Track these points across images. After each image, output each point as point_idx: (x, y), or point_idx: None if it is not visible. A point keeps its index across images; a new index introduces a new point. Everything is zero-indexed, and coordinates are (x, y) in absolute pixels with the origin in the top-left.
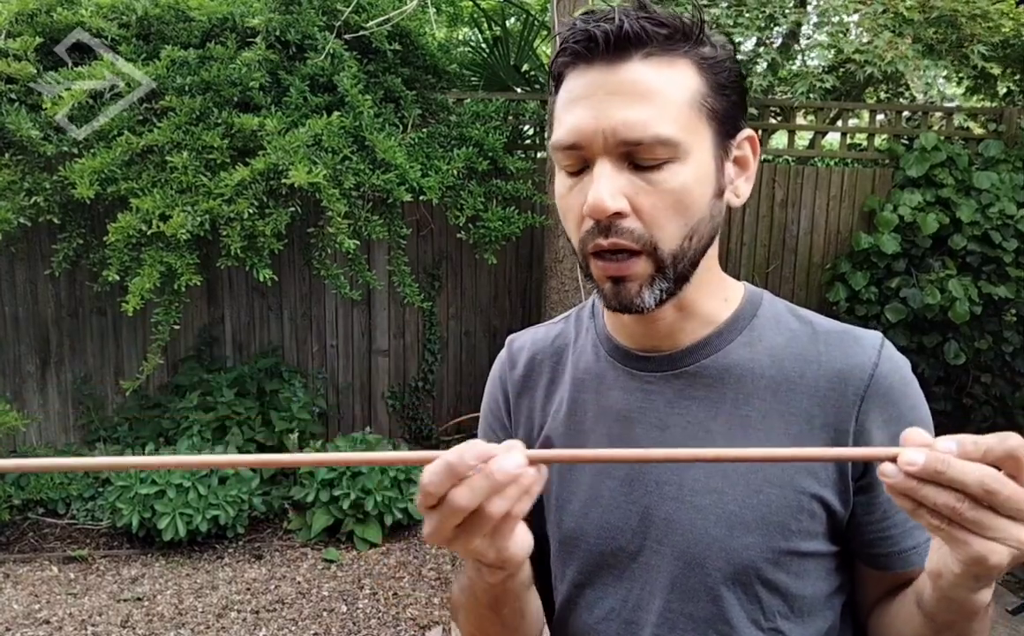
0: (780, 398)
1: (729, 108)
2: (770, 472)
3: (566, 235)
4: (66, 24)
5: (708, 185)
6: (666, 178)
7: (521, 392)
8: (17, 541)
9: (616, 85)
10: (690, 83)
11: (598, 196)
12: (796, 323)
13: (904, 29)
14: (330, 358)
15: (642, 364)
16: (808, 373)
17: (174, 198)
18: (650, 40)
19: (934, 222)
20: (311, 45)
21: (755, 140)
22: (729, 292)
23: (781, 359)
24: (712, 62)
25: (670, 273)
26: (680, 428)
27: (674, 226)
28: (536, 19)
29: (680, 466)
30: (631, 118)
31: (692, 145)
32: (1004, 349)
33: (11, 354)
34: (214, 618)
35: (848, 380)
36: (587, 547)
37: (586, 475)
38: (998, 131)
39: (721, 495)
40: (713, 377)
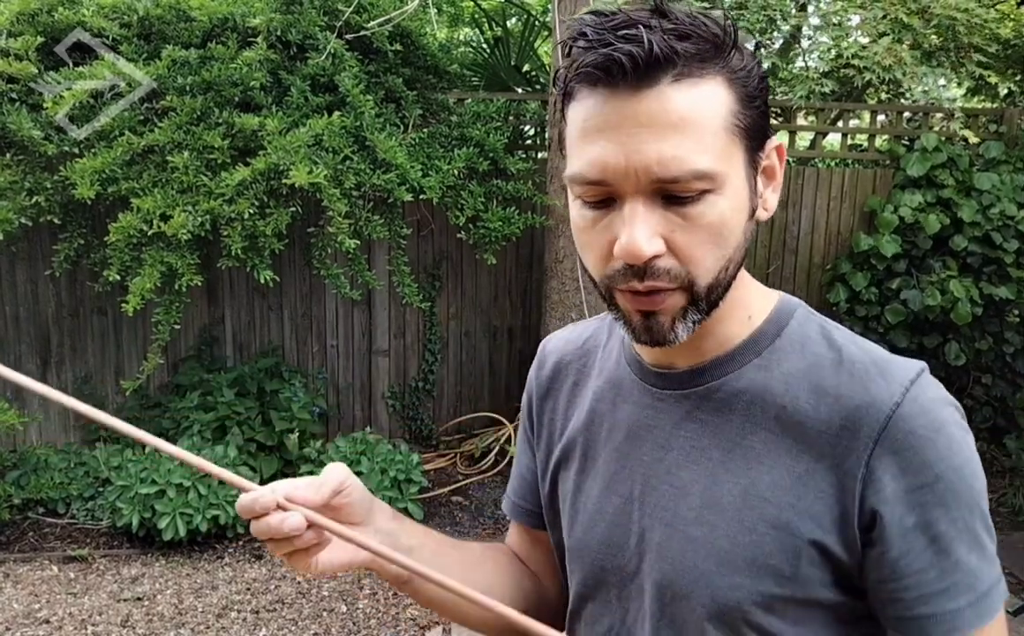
0: (789, 431)
1: (757, 119)
2: (768, 511)
3: (568, 236)
4: (67, 24)
5: (743, 209)
6: (703, 212)
7: (546, 395)
8: (17, 540)
9: (645, 115)
10: (722, 103)
11: (634, 242)
12: (823, 348)
13: (903, 34)
14: (330, 358)
15: (655, 379)
16: (823, 407)
17: (175, 198)
18: (680, 60)
19: (935, 223)
20: (312, 45)
21: (782, 148)
22: (755, 309)
23: (797, 388)
24: (742, 74)
25: (703, 304)
26: (682, 452)
27: (711, 259)
28: (537, 19)
29: (678, 490)
30: (666, 154)
31: (727, 172)
32: (1005, 350)
33: (12, 354)
34: (214, 618)
35: (863, 418)
36: (590, 561)
37: (595, 489)
38: (999, 132)
39: (713, 529)
40: (721, 401)
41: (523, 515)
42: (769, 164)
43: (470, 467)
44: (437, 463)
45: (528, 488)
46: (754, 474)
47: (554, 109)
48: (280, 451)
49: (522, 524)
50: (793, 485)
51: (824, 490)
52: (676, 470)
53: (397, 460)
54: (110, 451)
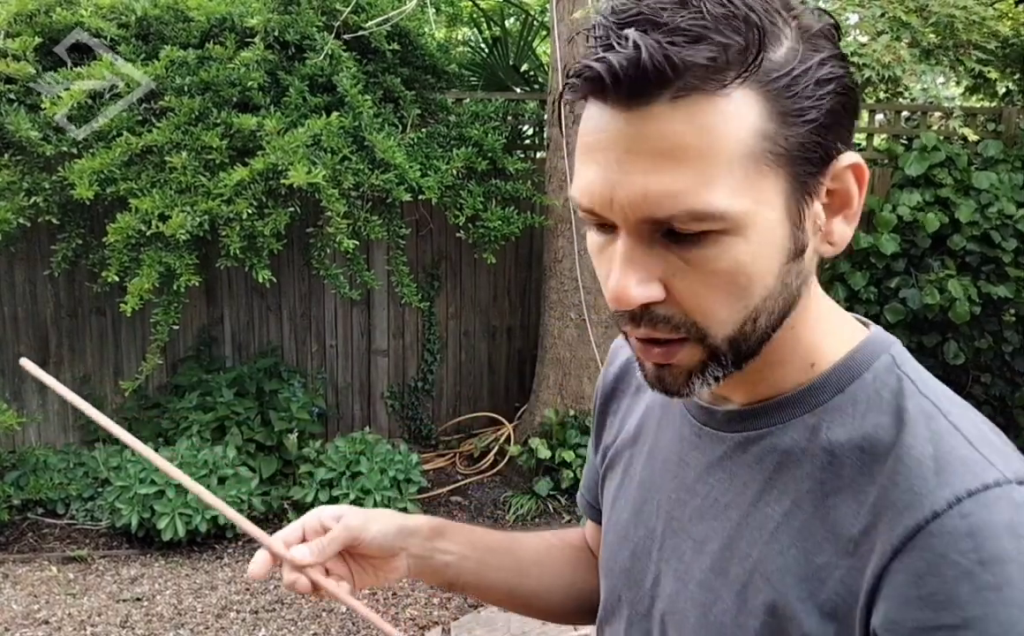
0: (820, 513)
1: (811, 136)
2: (772, 598)
3: (567, 236)
4: (65, 24)
5: (777, 252)
6: (713, 256)
7: (612, 394)
8: (16, 541)
9: (636, 140)
10: (748, 125)
11: (619, 286)
12: (887, 418)
13: (902, 33)
14: (329, 358)
15: (698, 411)
16: (863, 495)
17: (173, 198)
18: (680, 74)
19: (934, 222)
20: (310, 45)
21: (861, 168)
22: (821, 354)
23: (841, 464)
24: (783, 80)
25: (727, 359)
26: (705, 501)
27: (726, 311)
28: (536, 19)
29: (695, 543)
30: (653, 189)
31: (750, 210)
32: (1004, 349)
33: (10, 354)
34: (213, 618)
35: (893, 520)
36: (612, 584)
37: (626, 511)
38: (997, 131)
39: (717, 599)
40: (754, 455)
41: (591, 512)
42: (839, 188)
43: (469, 467)
44: (436, 463)
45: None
46: (767, 550)
47: (553, 109)
48: (279, 451)
49: (590, 518)
50: (809, 577)
51: (839, 594)
52: (697, 521)
53: (396, 460)
54: (109, 451)
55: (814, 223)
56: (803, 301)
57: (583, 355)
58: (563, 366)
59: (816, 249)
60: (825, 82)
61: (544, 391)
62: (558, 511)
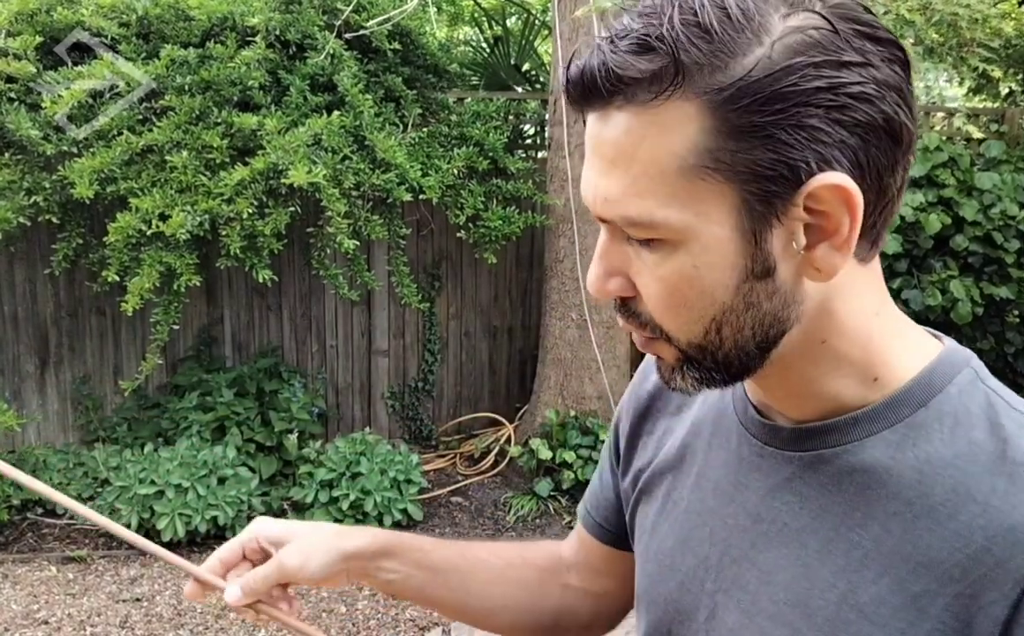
0: (912, 536)
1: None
2: (866, 631)
3: (567, 236)
4: (66, 23)
5: (727, 269)
6: (658, 261)
7: (647, 412)
8: (16, 541)
9: (597, 143)
10: (684, 137)
11: (591, 277)
12: (984, 433)
13: (905, 31)
14: (330, 358)
15: (758, 429)
16: (964, 514)
17: (174, 198)
18: (625, 85)
19: (936, 222)
20: (311, 44)
21: (845, 190)
22: (883, 370)
23: (933, 481)
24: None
25: (702, 362)
26: (773, 526)
27: (680, 319)
28: (537, 18)
29: (761, 573)
30: (601, 191)
31: (690, 224)
32: (1006, 350)
33: (10, 354)
34: (213, 619)
35: (1018, 544)
36: (656, 617)
37: (671, 538)
38: (1000, 132)
39: (795, 633)
40: (831, 476)
41: (592, 526)
42: (822, 210)
43: (470, 467)
44: (437, 464)
45: (604, 503)
46: (856, 579)
47: (554, 109)
48: (279, 451)
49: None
50: (905, 606)
51: (945, 622)
52: (763, 547)
53: (396, 460)
54: (109, 452)
55: (788, 246)
56: (825, 317)
57: (584, 356)
58: (564, 367)
59: (799, 273)
60: (792, 95)
61: (545, 392)
62: (559, 512)
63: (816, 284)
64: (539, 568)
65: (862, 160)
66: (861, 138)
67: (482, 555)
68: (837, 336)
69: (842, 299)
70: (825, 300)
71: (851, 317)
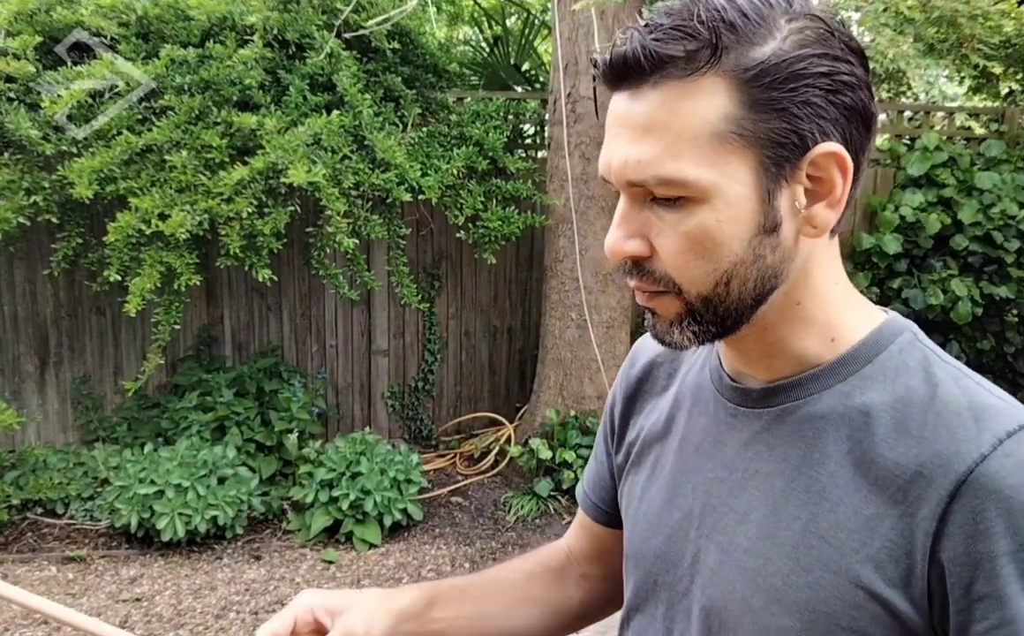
0: (861, 469)
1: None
2: (827, 553)
3: (567, 236)
4: (65, 23)
5: (744, 224)
6: (682, 219)
7: (634, 394)
8: (16, 541)
9: (628, 118)
10: (715, 108)
11: (610, 239)
12: (918, 381)
13: (905, 28)
14: (330, 358)
15: (732, 393)
16: (902, 447)
17: (173, 197)
18: (660, 65)
19: (936, 222)
20: (310, 44)
21: (841, 157)
22: (840, 331)
23: (877, 422)
24: (755, 72)
25: (704, 316)
26: (746, 474)
27: (696, 270)
28: (537, 18)
29: (737, 515)
30: (632, 157)
31: (716, 182)
32: (1006, 350)
33: (10, 354)
34: (213, 619)
35: (943, 468)
36: (644, 571)
37: (659, 499)
38: (1000, 131)
39: (767, 562)
40: (793, 425)
41: (592, 509)
42: (821, 176)
43: (470, 467)
44: (437, 463)
45: (601, 485)
46: (816, 509)
47: (553, 108)
48: (279, 451)
49: (590, 517)
50: (858, 529)
51: (892, 539)
52: (739, 493)
53: (396, 460)
54: (109, 451)
55: (792, 205)
56: (803, 279)
57: (584, 355)
58: (564, 366)
59: (799, 231)
60: (802, 76)
61: (545, 391)
62: (559, 512)
63: (799, 248)
64: (554, 569)
65: (847, 137)
66: (847, 119)
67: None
68: (809, 299)
69: (815, 265)
70: (804, 264)
71: (821, 283)
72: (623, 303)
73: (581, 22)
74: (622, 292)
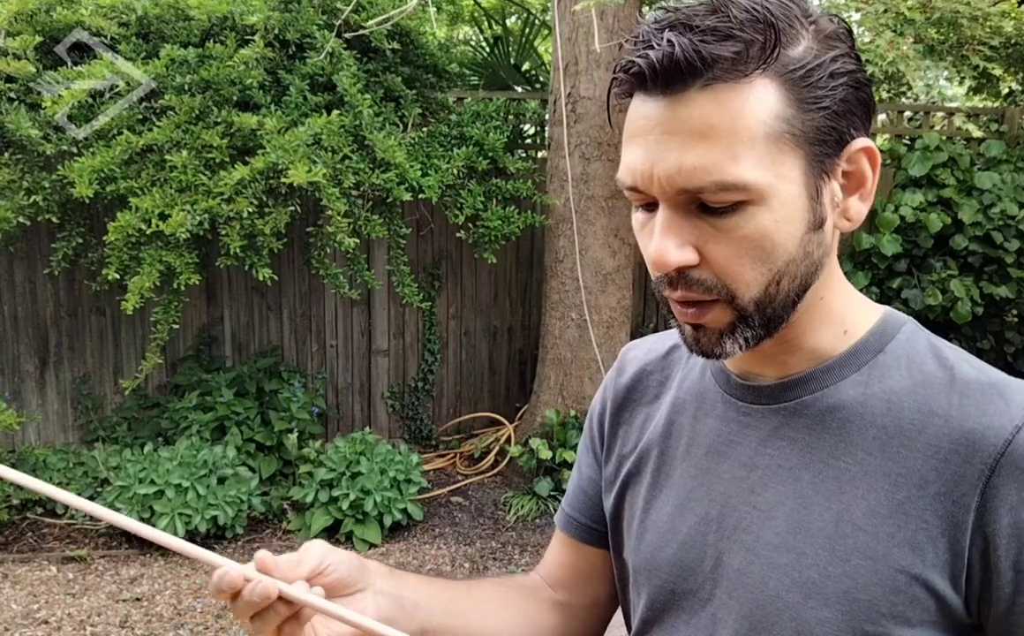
0: (889, 454)
1: (826, 122)
2: (862, 540)
3: (567, 236)
4: (66, 23)
5: (797, 223)
6: (739, 224)
7: (623, 405)
8: (16, 541)
9: (672, 123)
10: (768, 109)
11: (658, 251)
12: (933, 366)
13: (905, 29)
14: (330, 358)
15: (743, 392)
16: (930, 428)
17: (173, 197)
18: (710, 66)
19: (936, 222)
20: (311, 44)
21: (873, 151)
22: (852, 322)
23: (900, 407)
24: (798, 73)
25: (755, 320)
26: (767, 471)
27: (752, 274)
28: (537, 18)
29: (762, 513)
30: (688, 163)
31: (772, 183)
32: (1006, 350)
33: (10, 354)
34: (213, 618)
35: (979, 443)
36: (659, 582)
37: (668, 506)
38: (1000, 131)
39: (801, 556)
40: (814, 418)
41: (578, 529)
42: (854, 170)
43: (470, 467)
44: (437, 463)
45: (589, 503)
46: (848, 499)
47: (553, 108)
48: (279, 451)
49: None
50: (892, 513)
51: (928, 520)
52: (761, 490)
53: (396, 460)
54: (109, 451)
55: (832, 200)
56: (827, 273)
57: (584, 355)
58: (564, 366)
59: (835, 224)
60: (838, 75)
61: (545, 391)
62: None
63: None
64: (531, 592)
65: (868, 132)
66: (866, 114)
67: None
68: (829, 292)
69: (831, 260)
70: (828, 259)
71: (834, 276)
72: (623, 303)
73: (581, 22)
74: (622, 292)
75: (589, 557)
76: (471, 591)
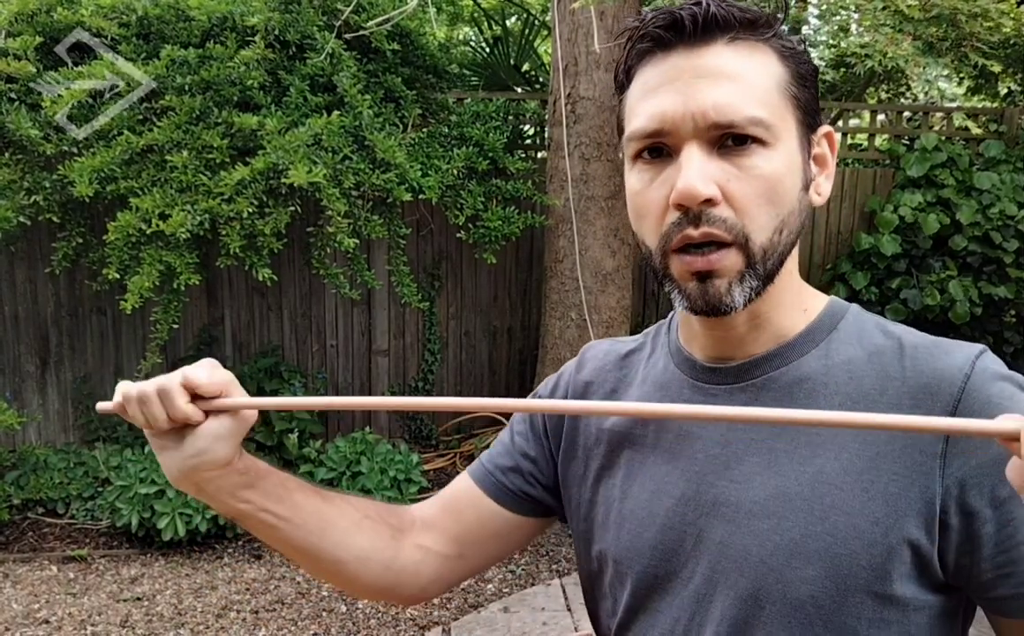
0: None
1: (810, 100)
2: (839, 497)
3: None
4: (66, 23)
5: (797, 175)
6: (757, 163)
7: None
8: (16, 541)
9: (702, 68)
10: (774, 69)
11: (689, 181)
12: (882, 338)
13: (905, 26)
14: (330, 358)
15: (708, 375)
16: (890, 390)
17: (174, 197)
18: (735, 25)
19: (935, 222)
20: (311, 45)
21: (832, 136)
22: (809, 303)
23: (860, 375)
24: (793, 51)
25: (760, 269)
26: (741, 444)
27: (765, 216)
28: (537, 18)
29: (739, 485)
30: (721, 99)
31: (781, 130)
32: (1005, 350)
33: (11, 353)
34: (213, 618)
35: (935, 394)
36: (641, 568)
37: (644, 493)
38: (999, 131)
39: (781, 520)
40: (782, 391)
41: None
42: (821, 152)
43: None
44: (437, 463)
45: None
46: (822, 461)
47: (553, 109)
48: (280, 451)
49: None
50: (865, 469)
51: (898, 472)
52: (736, 464)
53: (397, 460)
54: (109, 451)
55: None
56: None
57: None
58: None
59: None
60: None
61: None
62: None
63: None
64: (393, 526)
65: None
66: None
67: (343, 502)
68: (794, 269)
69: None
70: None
71: (795, 256)
72: (623, 303)
73: (581, 22)
74: (622, 292)
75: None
76: (339, 513)
